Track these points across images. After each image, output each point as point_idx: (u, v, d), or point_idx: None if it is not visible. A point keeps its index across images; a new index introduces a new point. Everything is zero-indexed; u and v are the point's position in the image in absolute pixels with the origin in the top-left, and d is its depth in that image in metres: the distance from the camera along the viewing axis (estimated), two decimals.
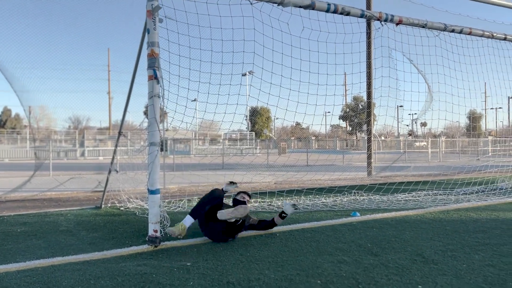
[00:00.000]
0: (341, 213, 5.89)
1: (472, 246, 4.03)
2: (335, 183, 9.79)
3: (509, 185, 8.27)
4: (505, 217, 5.49)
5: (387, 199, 6.91)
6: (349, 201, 6.82)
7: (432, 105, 8.93)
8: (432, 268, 3.37)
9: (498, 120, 61.03)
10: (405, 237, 4.41)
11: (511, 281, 3.05)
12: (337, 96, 7.46)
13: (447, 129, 49.10)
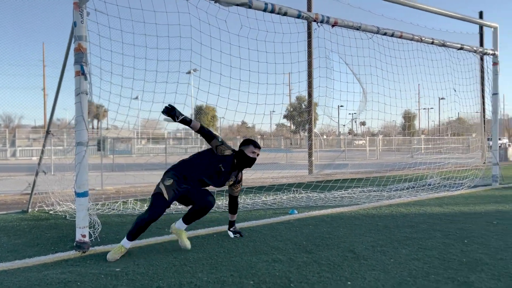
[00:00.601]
0: (280, 211, 5.95)
1: (400, 240, 4.21)
2: (276, 181, 9.89)
3: (437, 181, 8.80)
4: (431, 211, 5.82)
5: (324, 196, 7.08)
6: (288, 199, 6.91)
7: (366, 105, 9.28)
8: (362, 264, 3.46)
9: (430, 119, 65.01)
10: (339, 234, 4.52)
11: (433, 274, 3.20)
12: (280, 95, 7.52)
13: (384, 128, 51.56)
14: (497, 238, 4.25)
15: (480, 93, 11.42)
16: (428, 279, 3.09)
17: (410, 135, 38.46)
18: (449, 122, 24.42)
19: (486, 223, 5.00)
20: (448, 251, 3.81)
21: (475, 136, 21.66)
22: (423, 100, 11.30)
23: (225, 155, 4.10)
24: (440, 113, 54.28)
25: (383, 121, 9.70)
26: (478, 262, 3.45)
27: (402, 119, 49.38)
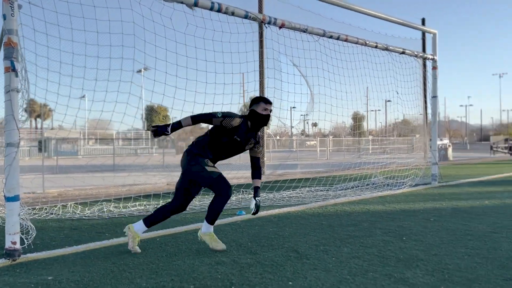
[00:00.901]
0: (228, 212, 5.90)
1: (343, 239, 4.30)
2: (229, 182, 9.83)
3: (381, 180, 9.12)
4: (374, 210, 6.01)
5: (273, 197, 7.12)
6: (237, 200, 6.88)
7: (314, 106, 9.45)
8: (304, 263, 3.49)
9: (378, 121, 67.55)
10: (284, 234, 4.55)
11: (371, 271, 3.28)
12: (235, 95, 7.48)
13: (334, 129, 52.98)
14: (432, 234, 4.45)
15: (423, 96, 12.00)
16: (366, 277, 3.16)
17: (359, 136, 39.75)
18: (395, 123, 25.47)
19: (424, 220, 5.23)
20: (387, 248, 3.94)
21: (418, 137, 22.78)
22: (371, 102, 11.66)
23: (235, 126, 3.89)
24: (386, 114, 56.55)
25: (333, 122, 9.92)
26: (414, 258, 3.59)
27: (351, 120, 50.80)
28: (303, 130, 50.89)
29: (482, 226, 4.79)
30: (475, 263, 3.42)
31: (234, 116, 3.92)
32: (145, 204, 6.45)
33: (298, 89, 8.36)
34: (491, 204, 6.41)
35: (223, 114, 3.89)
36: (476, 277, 3.09)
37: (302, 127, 51.72)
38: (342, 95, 8.94)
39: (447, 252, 3.77)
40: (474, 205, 6.35)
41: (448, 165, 17.00)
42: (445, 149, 23.03)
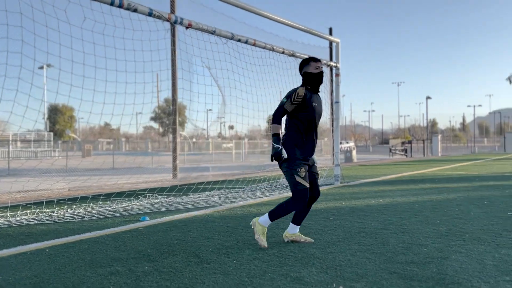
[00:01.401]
0: (130, 218, 5.64)
1: (246, 241, 4.32)
2: (138, 186, 9.45)
3: None
4: None
5: (181, 200, 6.98)
6: (142, 205, 6.61)
7: (226, 109, 9.48)
8: (204, 268, 3.43)
9: None
10: (188, 239, 4.45)
11: (270, 272, 3.33)
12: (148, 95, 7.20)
13: (250, 131, 53.91)
14: (330, 232, 4.66)
15: (330, 101, 12.65)
16: (264, 278, 3.19)
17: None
18: None
19: (324, 219, 5.47)
20: (287, 248, 4.03)
21: (327, 140, 24.04)
22: None
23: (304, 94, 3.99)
24: None
25: (249, 125, 10.03)
26: (311, 257, 3.72)
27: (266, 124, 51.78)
28: (219, 133, 50.98)
29: (375, 223, 5.14)
30: (365, 259, 3.64)
31: (295, 89, 4.03)
32: (37, 212, 5.91)
33: (215, 91, 8.33)
34: (385, 202, 6.93)
35: (286, 96, 4.01)
36: (365, 272, 3.28)
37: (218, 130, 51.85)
38: (258, 98, 9.09)
39: (341, 249, 3.97)
40: (370, 203, 6.81)
41: (352, 166, 18.14)
42: (350, 151, 24.58)
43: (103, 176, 11.64)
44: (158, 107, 47.23)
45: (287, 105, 3.99)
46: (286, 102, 3.98)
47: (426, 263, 3.47)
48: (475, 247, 3.95)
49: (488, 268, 3.30)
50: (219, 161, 24.56)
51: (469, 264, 3.41)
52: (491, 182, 10.04)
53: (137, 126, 53.05)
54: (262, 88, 9.12)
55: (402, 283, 3.00)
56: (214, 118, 14.42)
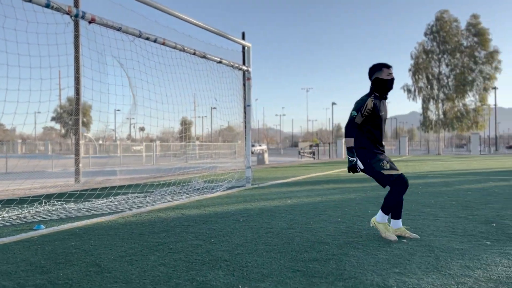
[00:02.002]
0: (23, 227, 5.13)
1: (152, 247, 4.17)
2: (33, 192, 8.64)
3: (200, 184, 9.34)
4: (189, 214, 6.06)
5: (82, 207, 6.53)
6: (37, 213, 6.05)
7: (137, 109, 9.10)
8: (104, 277, 3.23)
9: (205, 127, 69.88)
10: (88, 247, 4.17)
11: (175, 277, 3.24)
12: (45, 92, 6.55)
13: (162, 133, 52.60)
14: (239, 234, 4.70)
15: (243, 104, 12.81)
16: (169, 284, 3.09)
17: (187, 141, 40.24)
18: (221, 130, 26.64)
19: (234, 221, 5.50)
20: (195, 252, 3.97)
21: (240, 143, 24.36)
22: (199, 108, 11.84)
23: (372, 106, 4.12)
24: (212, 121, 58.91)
25: (161, 127, 9.72)
26: (219, 260, 3.70)
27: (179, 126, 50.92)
28: (129, 135, 48.89)
29: (282, 223, 5.30)
30: (271, 259, 3.72)
31: (364, 101, 4.12)
32: None
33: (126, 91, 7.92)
34: (292, 202, 7.19)
35: (355, 109, 4.12)
36: (270, 272, 3.35)
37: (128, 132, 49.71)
38: (170, 99, 8.84)
39: (249, 250, 4.01)
40: (278, 204, 7.01)
41: (264, 168, 18.59)
42: (262, 154, 25.18)
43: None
44: (60, 106, 43.90)
45: (358, 118, 4.14)
46: (357, 116, 4.13)
47: (327, 260, 3.64)
48: (371, 242, 4.25)
49: (381, 262, 3.57)
50: (128, 164, 23.54)
51: (365, 259, 3.66)
52: None
53: (35, 126, 48.79)
54: (175, 89, 8.91)
55: (305, 280, 3.11)
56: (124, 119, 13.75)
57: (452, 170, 16.26)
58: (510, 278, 3.11)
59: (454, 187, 9.56)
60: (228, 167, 11.75)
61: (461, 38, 44.66)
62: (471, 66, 43.90)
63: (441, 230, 4.81)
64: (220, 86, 10.29)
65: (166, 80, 8.44)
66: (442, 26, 44.96)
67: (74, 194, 7.66)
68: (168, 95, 8.65)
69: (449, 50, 44.62)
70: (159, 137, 47.40)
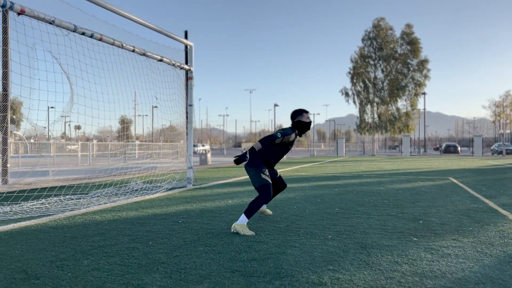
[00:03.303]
0: None
1: (85, 251, 3.99)
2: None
3: (139, 185, 9.08)
4: (126, 216, 5.87)
5: (10, 210, 6.10)
6: None
7: (73, 107, 8.65)
8: (32, 284, 3.04)
9: (145, 126, 68.07)
10: (14, 253, 3.90)
11: (109, 282, 3.13)
12: None
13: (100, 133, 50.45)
14: (178, 236, 4.63)
15: (185, 104, 12.63)
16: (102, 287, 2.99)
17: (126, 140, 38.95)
18: (163, 129, 26.10)
19: (173, 222, 5.41)
20: (132, 255, 3.86)
21: (182, 143, 23.99)
22: (140, 107, 11.50)
23: (291, 140, 5.07)
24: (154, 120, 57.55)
25: (99, 126, 9.30)
26: (156, 262, 3.62)
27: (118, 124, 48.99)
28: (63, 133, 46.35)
29: (222, 224, 5.30)
30: (210, 260, 3.71)
31: (290, 134, 4.99)
32: None
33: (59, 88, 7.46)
34: (233, 203, 7.21)
35: (281, 134, 4.94)
36: (209, 273, 3.34)
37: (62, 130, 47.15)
38: (109, 97, 8.47)
39: (188, 252, 3.97)
40: (219, 204, 7.01)
41: (207, 169, 18.47)
42: (205, 154, 24.98)
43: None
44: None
45: (278, 140, 4.97)
46: (278, 139, 4.95)
47: (265, 259, 3.70)
48: (307, 241, 4.38)
49: (317, 259, 3.69)
50: (62, 164, 22.33)
51: (301, 257, 3.76)
52: (324, 182, 11.34)
53: None
54: (113, 86, 8.58)
55: (243, 280, 3.14)
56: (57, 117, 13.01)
57: (385, 170, 17.17)
58: (433, 271, 3.35)
59: (386, 186, 10.10)
60: (169, 168, 11.52)
61: (396, 45, 47.33)
62: (404, 72, 46.69)
63: (373, 227, 5.07)
64: (161, 84, 10.06)
65: (103, 78, 8.11)
66: (378, 33, 47.37)
67: (0, 196, 7.13)
68: (106, 92, 8.31)
69: (384, 56, 47.11)
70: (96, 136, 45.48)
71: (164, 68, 9.80)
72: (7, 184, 11.11)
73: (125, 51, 7.98)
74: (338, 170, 17.50)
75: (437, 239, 4.45)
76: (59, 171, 16.17)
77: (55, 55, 7.16)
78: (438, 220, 5.53)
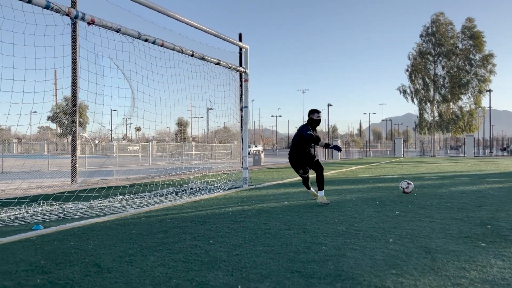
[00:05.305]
0: (21, 227, 5.13)
1: (151, 247, 4.19)
2: (31, 192, 8.63)
3: (198, 185, 9.36)
4: (187, 215, 6.08)
5: (81, 207, 6.54)
6: (35, 213, 6.06)
7: (135, 110, 9.10)
8: (105, 278, 3.25)
9: (200, 127, 69.75)
10: (87, 247, 4.19)
11: (175, 278, 3.27)
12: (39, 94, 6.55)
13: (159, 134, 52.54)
14: (237, 235, 4.73)
15: (239, 106, 12.84)
16: (169, 284, 3.13)
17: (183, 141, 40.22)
18: (217, 130, 26.68)
19: (231, 222, 5.54)
20: (194, 252, 4.00)
21: (236, 143, 24.38)
22: (195, 109, 11.82)
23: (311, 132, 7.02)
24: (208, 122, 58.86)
25: (157, 127, 9.73)
26: (218, 260, 3.73)
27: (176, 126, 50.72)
28: (125, 135, 48.79)
29: (279, 224, 5.34)
30: (269, 259, 3.76)
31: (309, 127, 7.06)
32: None
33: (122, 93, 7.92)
34: (289, 204, 7.23)
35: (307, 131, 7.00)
36: (269, 272, 3.38)
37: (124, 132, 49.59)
38: (167, 101, 8.84)
39: (247, 251, 4.05)
40: (276, 205, 7.06)
41: (260, 169, 18.62)
42: (258, 155, 25.21)
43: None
44: (56, 106, 43.73)
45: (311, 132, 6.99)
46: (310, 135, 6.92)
47: (325, 260, 3.69)
48: (368, 244, 4.30)
49: (378, 263, 3.62)
50: (124, 164, 23.50)
51: (362, 260, 3.70)
52: (383, 184, 11.03)
53: (31, 126, 48.56)
54: (171, 91, 8.93)
55: (303, 281, 3.15)
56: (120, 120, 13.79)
57: (447, 172, 16.38)
58: (505, 279, 3.17)
59: (449, 189, 9.64)
60: (223, 168, 11.76)
61: (457, 40, 44.94)
62: (466, 68, 44.19)
63: (437, 231, 4.87)
64: (216, 87, 10.31)
65: (162, 83, 8.46)
66: (437, 29, 45.24)
67: (72, 195, 7.66)
68: (164, 96, 8.67)
69: (444, 52, 44.90)
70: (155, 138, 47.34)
71: (219, 71, 10.03)
72: (76, 183, 11.90)
73: (183, 56, 8.27)
74: (397, 171, 16.93)
75: (509, 245, 4.19)
76: (123, 171, 17.04)
77: (116, 62, 7.58)
78: (508, 225, 5.20)
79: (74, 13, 5.27)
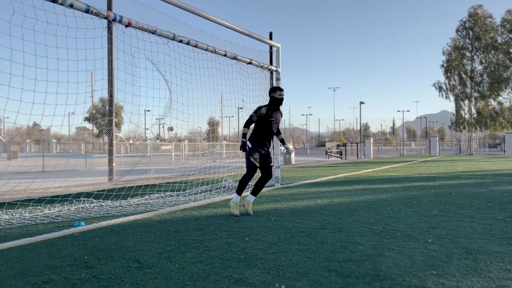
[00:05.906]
0: (64, 224, 5.35)
1: (188, 244, 4.28)
2: (71, 190, 8.97)
3: (230, 183, 9.44)
4: (221, 213, 6.16)
5: (119, 205, 6.74)
6: (77, 210, 6.29)
7: (170, 111, 9.29)
8: (145, 273, 3.35)
9: (231, 127, 70.33)
10: (127, 244, 4.32)
11: (213, 274, 3.32)
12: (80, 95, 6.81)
13: (191, 133, 53.30)
14: (271, 233, 4.75)
15: None
16: (207, 280, 3.18)
17: (214, 140, 40.60)
18: None
19: (265, 220, 5.56)
20: (230, 250, 4.05)
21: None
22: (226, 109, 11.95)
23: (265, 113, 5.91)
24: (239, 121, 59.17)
25: (189, 127, 9.92)
26: (253, 258, 3.76)
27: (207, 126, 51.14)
28: (158, 134, 49.84)
29: (314, 223, 5.32)
30: (305, 258, 3.75)
31: (260, 108, 5.95)
32: None
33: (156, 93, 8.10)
34: (322, 203, 7.18)
35: (255, 113, 5.92)
36: (306, 271, 3.38)
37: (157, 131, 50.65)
38: (198, 101, 8.98)
39: (283, 249, 4.06)
40: (309, 204, 7.03)
41: (291, 168, 18.58)
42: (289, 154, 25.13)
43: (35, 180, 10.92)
44: (92, 107, 45.17)
45: (254, 118, 5.92)
46: (253, 116, 5.92)
47: (362, 260, 3.65)
48: (406, 244, 4.22)
49: (418, 263, 3.54)
50: (158, 163, 24.00)
51: (400, 260, 3.64)
52: (418, 183, 10.77)
53: (69, 127, 50.35)
54: (203, 91, 9.06)
55: (341, 280, 3.13)
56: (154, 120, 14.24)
57: (486, 170, 15.79)
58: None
59: (489, 188, 9.30)
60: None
61: (496, 34, 43.19)
62: (506, 63, 42.39)
63: (478, 232, 4.72)
64: (247, 86, 10.36)
65: (195, 83, 8.59)
66: (475, 22, 43.63)
67: (110, 193, 7.91)
68: (196, 96, 8.80)
69: (483, 46, 43.25)
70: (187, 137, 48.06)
71: (251, 70, 10.07)
72: (113, 182, 12.27)
73: (216, 56, 8.36)
74: (433, 170, 16.49)
75: None
76: (157, 169, 17.42)
77: (154, 62, 7.75)
78: None
79: (112, 16, 5.44)
